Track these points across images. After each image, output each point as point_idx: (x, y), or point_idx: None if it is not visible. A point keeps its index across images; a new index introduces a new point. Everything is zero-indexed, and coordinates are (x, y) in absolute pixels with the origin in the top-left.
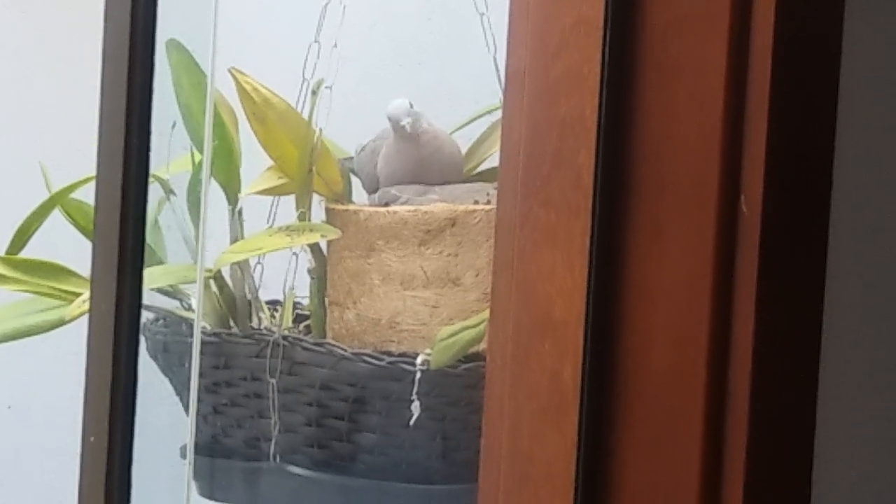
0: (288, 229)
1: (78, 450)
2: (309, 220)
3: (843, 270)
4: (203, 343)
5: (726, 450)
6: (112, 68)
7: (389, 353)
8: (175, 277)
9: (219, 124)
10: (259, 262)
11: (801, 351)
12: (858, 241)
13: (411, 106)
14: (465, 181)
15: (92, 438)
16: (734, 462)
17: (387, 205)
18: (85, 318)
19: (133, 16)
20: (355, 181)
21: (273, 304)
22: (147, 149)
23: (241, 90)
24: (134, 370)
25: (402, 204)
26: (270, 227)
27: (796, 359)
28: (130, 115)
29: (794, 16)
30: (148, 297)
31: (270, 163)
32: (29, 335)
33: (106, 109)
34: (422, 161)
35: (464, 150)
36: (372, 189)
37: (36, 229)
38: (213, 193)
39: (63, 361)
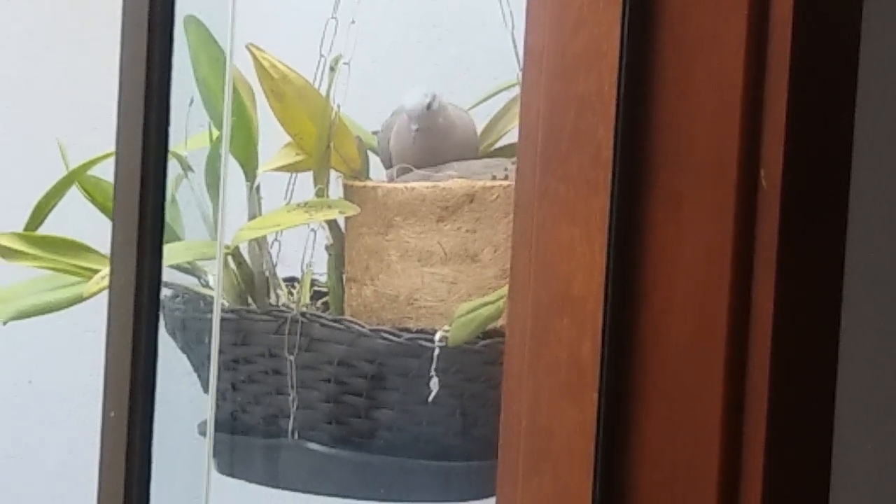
0: (306, 206)
1: (98, 425)
2: (327, 196)
3: (862, 243)
4: (221, 320)
5: (746, 425)
6: (131, 44)
7: (408, 330)
8: (193, 254)
9: (236, 101)
10: (277, 239)
11: (821, 324)
12: (878, 214)
13: (427, 97)
14: (482, 157)
15: (112, 413)
16: (754, 436)
17: (405, 181)
18: (103, 295)
19: None
20: (373, 157)
21: (291, 280)
22: (166, 125)
23: (259, 66)
24: (154, 345)
25: (420, 180)
26: (288, 203)
27: (816, 332)
28: (149, 91)
29: None
30: (166, 274)
31: (288, 139)
32: (47, 312)
33: (125, 86)
34: (434, 142)
35: (481, 127)
36: (389, 166)
37: (54, 206)
38: (231, 170)
39: (81, 338)
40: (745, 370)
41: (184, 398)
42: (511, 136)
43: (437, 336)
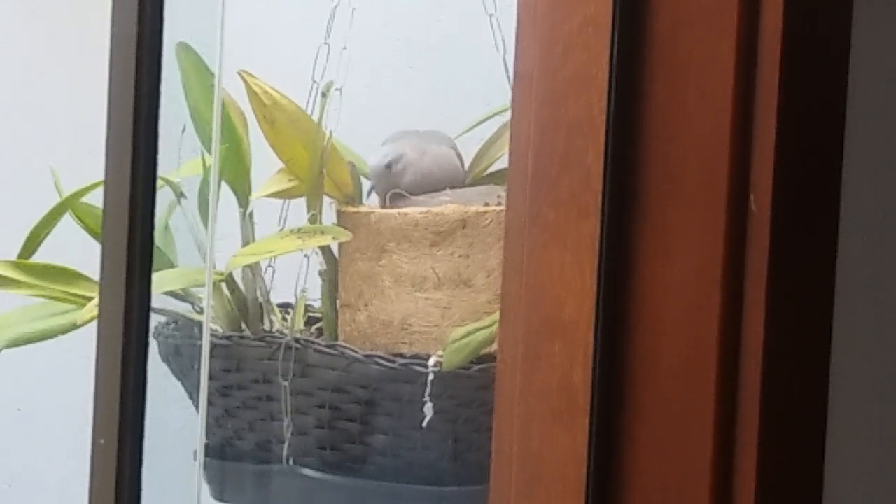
0: (299, 232)
1: (88, 452)
2: (320, 222)
3: (852, 268)
4: (215, 346)
5: (737, 450)
6: (119, 72)
7: (401, 355)
8: (186, 281)
9: (229, 127)
10: (270, 265)
11: (812, 349)
12: (868, 238)
13: (386, 157)
14: (475, 183)
15: (102, 441)
16: (745, 462)
17: (398, 206)
18: (97, 323)
19: (140, 20)
20: (365, 183)
21: (284, 306)
22: (155, 152)
23: (251, 93)
24: (143, 373)
25: (413, 206)
26: (281, 229)
27: (807, 357)
28: (138, 118)
29: (802, 13)
30: (160, 301)
31: (281, 165)
32: (41, 339)
33: (113, 113)
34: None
35: (474, 152)
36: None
37: (47, 234)
38: (224, 196)
39: (74, 365)
40: (736, 394)
41: (178, 424)
42: (504, 162)
43: (431, 361)
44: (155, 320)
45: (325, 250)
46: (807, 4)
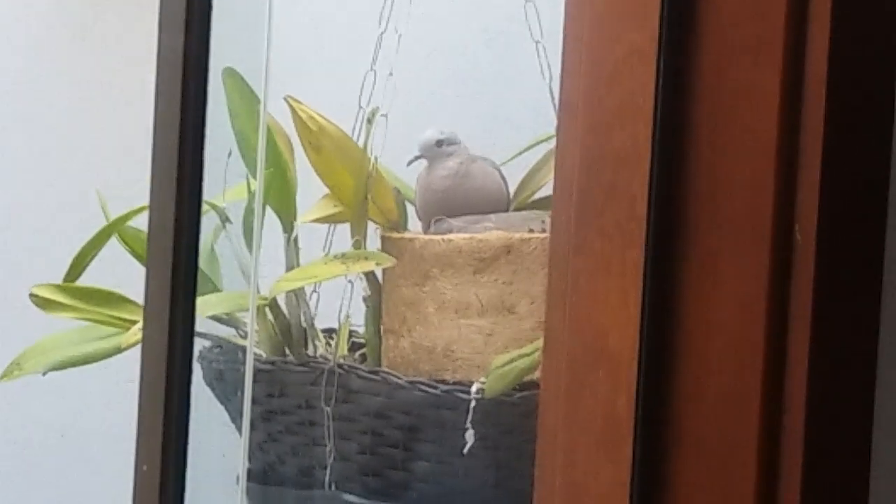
0: (343, 257)
1: (132, 477)
2: (364, 248)
3: None
4: (258, 371)
5: (782, 481)
6: (165, 98)
7: (444, 382)
8: (231, 305)
9: (274, 152)
10: (314, 290)
11: (857, 380)
12: None
13: (440, 134)
14: (520, 209)
15: (144, 467)
16: (790, 494)
17: (441, 232)
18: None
19: (186, 44)
20: (410, 209)
21: (328, 332)
22: (200, 177)
23: (297, 118)
24: (187, 399)
25: (457, 232)
26: (326, 254)
27: (852, 388)
28: (183, 143)
29: (848, 45)
30: (204, 325)
31: (326, 191)
32: (86, 363)
33: (159, 138)
34: (455, 196)
35: (519, 178)
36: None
37: (93, 257)
38: (269, 221)
39: (120, 389)
40: (780, 426)
41: (222, 449)
42: (548, 189)
43: (474, 388)
44: (199, 345)
45: (369, 276)
46: (853, 37)
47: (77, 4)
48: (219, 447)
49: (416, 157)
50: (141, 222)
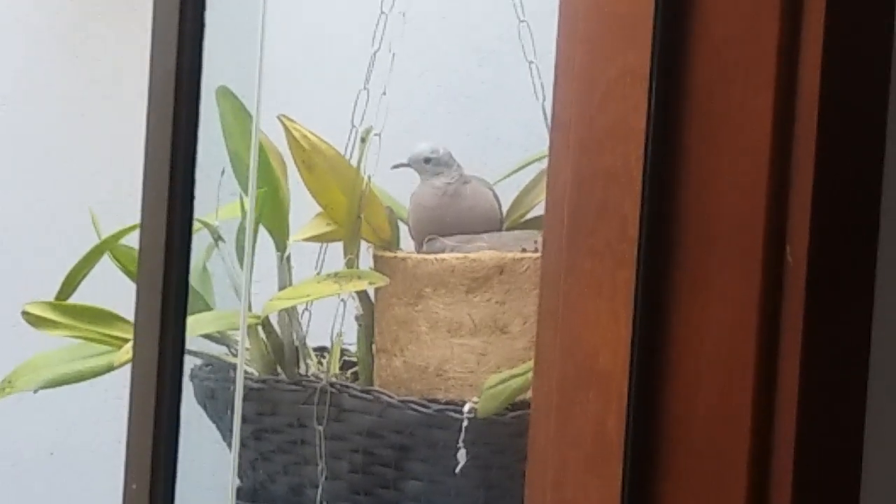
0: (336, 276)
1: (121, 496)
2: (357, 267)
3: (889, 319)
4: (250, 389)
5: (772, 501)
6: (157, 115)
7: (436, 401)
8: (223, 323)
9: (267, 171)
10: (307, 309)
11: (847, 399)
12: None
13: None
14: (512, 229)
15: (134, 486)
16: None
17: (434, 251)
18: None
19: (178, 63)
20: (403, 228)
21: (320, 350)
22: (191, 195)
23: (290, 137)
24: (177, 417)
25: (450, 251)
26: (319, 273)
27: (842, 408)
28: (175, 161)
29: (840, 66)
30: (196, 343)
31: (319, 209)
32: (78, 381)
33: (151, 155)
34: (441, 209)
35: (512, 198)
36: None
37: (85, 275)
38: (262, 240)
39: (110, 406)
40: (770, 445)
41: (214, 467)
42: (542, 208)
43: (466, 407)
44: (191, 363)
45: (362, 295)
46: (845, 58)
47: (69, 21)
48: (210, 465)
49: (403, 164)
50: (133, 240)
